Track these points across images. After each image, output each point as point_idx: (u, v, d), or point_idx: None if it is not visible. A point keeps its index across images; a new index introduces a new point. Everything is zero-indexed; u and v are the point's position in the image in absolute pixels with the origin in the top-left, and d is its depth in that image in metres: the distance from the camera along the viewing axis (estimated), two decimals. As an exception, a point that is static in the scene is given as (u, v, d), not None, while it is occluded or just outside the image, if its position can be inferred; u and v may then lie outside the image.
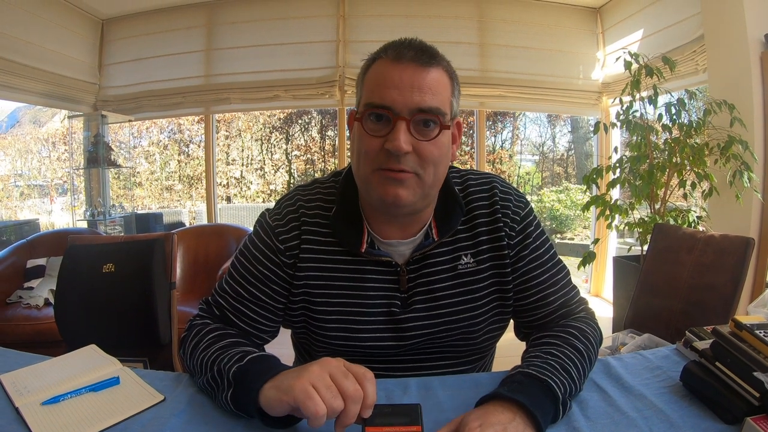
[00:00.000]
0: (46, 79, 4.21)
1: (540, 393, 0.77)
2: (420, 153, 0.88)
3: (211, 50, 4.63)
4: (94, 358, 1.02)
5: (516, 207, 1.04)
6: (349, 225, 0.99)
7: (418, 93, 0.87)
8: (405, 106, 0.86)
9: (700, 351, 0.87)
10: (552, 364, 0.83)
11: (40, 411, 0.81)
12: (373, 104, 0.88)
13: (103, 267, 1.74)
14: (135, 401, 0.85)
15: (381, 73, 0.89)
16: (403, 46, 0.90)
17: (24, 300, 3.14)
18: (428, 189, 0.93)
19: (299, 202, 1.04)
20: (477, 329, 1.03)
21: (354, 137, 0.95)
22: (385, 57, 0.90)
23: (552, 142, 9.67)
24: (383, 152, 0.88)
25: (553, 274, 1.04)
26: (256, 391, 0.75)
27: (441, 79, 0.91)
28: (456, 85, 0.95)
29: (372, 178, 0.91)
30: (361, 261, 1.00)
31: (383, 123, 0.88)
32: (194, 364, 0.91)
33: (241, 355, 0.83)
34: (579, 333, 0.94)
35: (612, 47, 4.54)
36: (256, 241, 1.04)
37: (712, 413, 0.79)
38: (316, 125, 8.45)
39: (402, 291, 1.01)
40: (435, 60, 0.90)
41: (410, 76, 0.87)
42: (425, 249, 1.00)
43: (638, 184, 3.15)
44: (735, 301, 1.76)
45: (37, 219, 5.93)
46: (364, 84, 0.93)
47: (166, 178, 8.43)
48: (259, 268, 1.01)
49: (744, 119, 2.86)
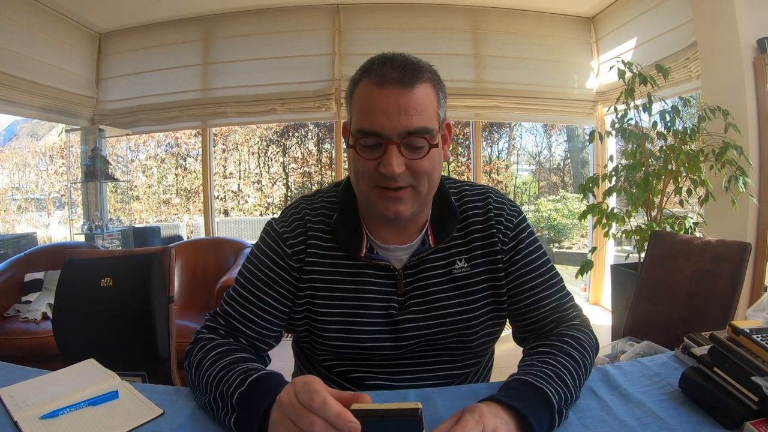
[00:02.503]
0: (44, 92, 4.21)
1: (535, 400, 0.77)
2: (413, 169, 0.93)
3: (207, 64, 4.65)
4: (92, 372, 1.02)
5: (509, 215, 1.09)
6: (350, 231, 1.05)
7: (405, 116, 0.89)
8: (393, 130, 0.89)
9: (698, 357, 0.88)
10: (547, 372, 0.83)
11: (39, 425, 0.81)
12: (363, 131, 0.91)
13: (102, 281, 1.74)
14: (134, 415, 0.84)
15: (367, 98, 0.92)
16: (385, 66, 0.91)
17: (22, 314, 3.13)
18: (425, 196, 0.98)
19: (304, 210, 1.09)
20: (472, 331, 1.05)
21: (350, 156, 0.98)
22: (369, 81, 0.92)
23: (548, 151, 9.71)
24: (378, 173, 0.92)
25: (546, 279, 1.07)
26: (258, 418, 0.75)
27: (426, 94, 0.92)
28: (441, 92, 0.97)
29: (371, 195, 0.96)
30: (361, 265, 1.05)
31: (375, 147, 0.92)
32: (198, 381, 0.91)
33: (243, 378, 0.83)
34: (574, 341, 0.95)
35: (606, 56, 4.56)
36: (263, 247, 1.08)
37: (711, 419, 0.79)
38: (313, 138, 8.47)
39: (399, 294, 1.05)
40: (418, 76, 0.91)
41: (395, 99, 0.89)
42: (422, 254, 1.05)
43: (634, 192, 3.16)
44: (733, 306, 1.77)
45: (35, 233, 5.92)
46: (352, 104, 0.96)
47: (163, 191, 8.43)
48: (267, 272, 1.05)
49: (738, 124, 2.88)
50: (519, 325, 1.11)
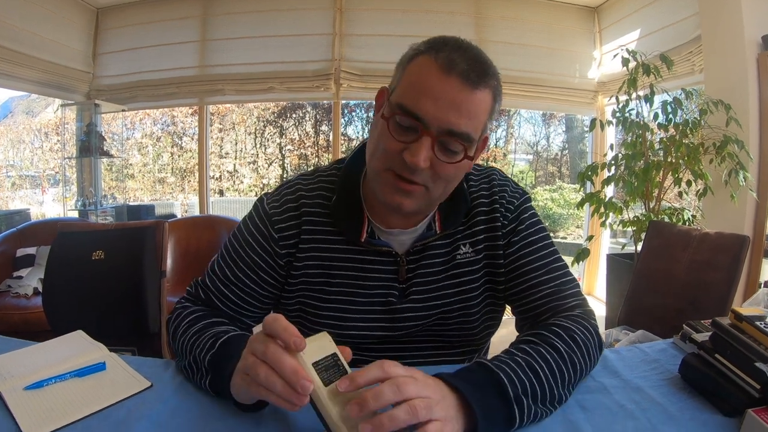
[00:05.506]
0: (40, 67, 4.17)
1: (487, 385, 0.71)
2: (436, 169, 0.84)
3: (206, 41, 4.59)
4: (80, 344, 1.00)
5: (511, 196, 1.03)
6: (350, 214, 0.97)
7: (455, 114, 0.81)
8: (436, 122, 0.81)
9: (700, 343, 0.86)
10: (517, 359, 0.76)
11: (22, 396, 0.79)
12: (405, 109, 0.82)
13: (93, 254, 1.71)
14: (121, 387, 0.82)
15: (423, 76, 0.82)
16: (457, 53, 0.82)
17: (13, 289, 3.12)
18: (434, 200, 0.92)
19: (300, 191, 1.01)
20: (473, 319, 1.02)
21: (377, 126, 0.88)
22: (433, 59, 0.82)
23: (546, 141, 9.68)
24: (400, 158, 0.83)
25: (544, 264, 1.00)
26: (227, 378, 0.74)
27: (484, 101, 0.83)
28: (497, 105, 0.88)
29: (382, 175, 0.88)
30: (360, 251, 0.98)
31: (409, 130, 0.83)
32: (176, 347, 0.92)
33: (214, 340, 0.82)
34: (564, 332, 0.85)
35: (609, 46, 4.53)
36: (250, 226, 1.02)
37: (711, 405, 0.78)
38: (311, 120, 8.41)
39: (401, 281, 0.99)
40: (484, 79, 0.82)
41: (452, 92, 0.80)
42: (426, 240, 0.99)
43: (633, 182, 3.15)
44: (730, 298, 1.76)
45: (28, 209, 5.85)
46: (404, 73, 0.86)
47: (158, 170, 8.38)
48: (250, 254, 0.99)
49: (740, 120, 2.86)
50: (516, 313, 1.05)
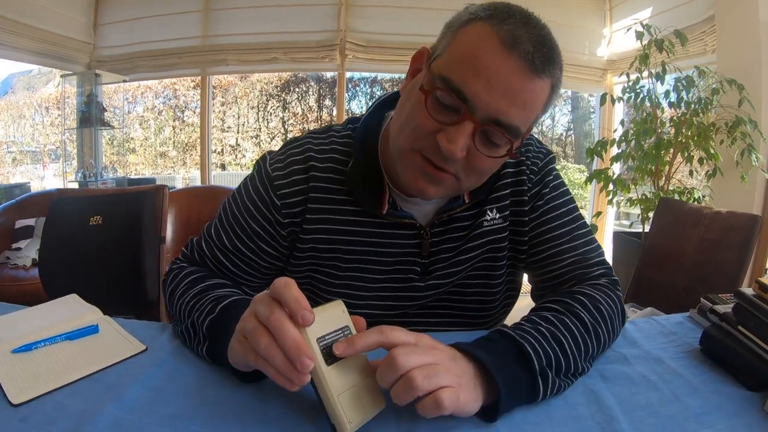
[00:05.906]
0: (41, 37, 4.12)
1: (509, 356, 0.65)
2: (471, 160, 0.74)
3: (209, 10, 4.50)
4: (73, 307, 0.96)
5: (535, 156, 0.95)
6: (368, 183, 0.86)
7: (507, 101, 0.69)
8: (484, 107, 0.69)
9: (721, 314, 0.82)
10: (541, 330, 0.70)
11: (10, 359, 0.75)
12: (449, 83, 0.70)
13: (90, 219, 1.67)
14: (114, 351, 0.78)
15: (478, 50, 0.69)
16: (523, 29, 0.70)
17: (11, 260, 3.11)
18: (461, 190, 0.84)
19: (310, 152, 0.89)
20: (494, 291, 0.96)
21: (412, 96, 0.76)
22: (494, 31, 0.69)
23: (552, 121, 9.57)
24: (433, 140, 0.72)
25: (570, 230, 0.92)
26: (226, 346, 0.67)
27: (542, 92, 0.72)
28: (554, 98, 0.76)
29: (407, 155, 0.77)
30: (378, 223, 0.88)
31: (449, 110, 0.71)
32: (173, 311, 0.85)
33: (214, 305, 0.75)
34: (589, 301, 0.79)
35: (619, 24, 4.46)
36: (250, 189, 0.91)
37: (733, 379, 0.74)
38: (314, 94, 8.30)
39: (424, 256, 0.91)
40: (548, 68, 0.71)
41: (510, 76, 0.68)
42: (453, 211, 0.89)
43: (643, 159, 3.10)
44: (741, 277, 1.73)
45: (29, 183, 5.82)
46: (453, 41, 0.73)
47: (160, 144, 8.31)
48: (248, 220, 0.90)
49: (752, 101, 2.82)
50: (536, 281, 0.97)
